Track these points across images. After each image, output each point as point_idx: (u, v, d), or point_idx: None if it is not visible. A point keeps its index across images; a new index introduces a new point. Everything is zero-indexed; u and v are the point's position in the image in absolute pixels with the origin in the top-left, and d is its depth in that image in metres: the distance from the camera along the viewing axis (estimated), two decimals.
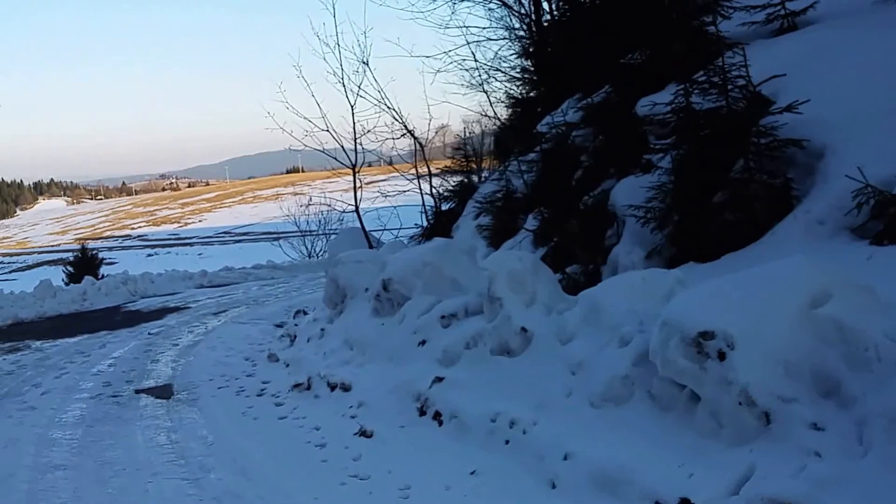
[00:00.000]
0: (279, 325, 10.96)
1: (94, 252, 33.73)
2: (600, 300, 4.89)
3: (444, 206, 10.51)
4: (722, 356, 3.78)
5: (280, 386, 7.16)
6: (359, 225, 11.04)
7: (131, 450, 5.64)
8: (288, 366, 7.87)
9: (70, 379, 8.06)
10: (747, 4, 7.03)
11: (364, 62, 11.21)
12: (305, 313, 10.98)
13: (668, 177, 5.85)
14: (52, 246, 69.96)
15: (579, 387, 4.58)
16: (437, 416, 5.32)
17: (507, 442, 4.69)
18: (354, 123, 10.96)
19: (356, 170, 11.39)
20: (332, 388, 6.59)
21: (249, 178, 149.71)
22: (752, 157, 5.37)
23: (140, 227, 79.94)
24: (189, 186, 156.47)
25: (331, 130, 10.86)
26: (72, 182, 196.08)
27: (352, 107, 11.02)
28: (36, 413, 6.78)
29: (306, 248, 26.13)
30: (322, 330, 8.23)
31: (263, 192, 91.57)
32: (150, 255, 61.54)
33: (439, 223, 9.98)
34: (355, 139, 10.97)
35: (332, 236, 26.10)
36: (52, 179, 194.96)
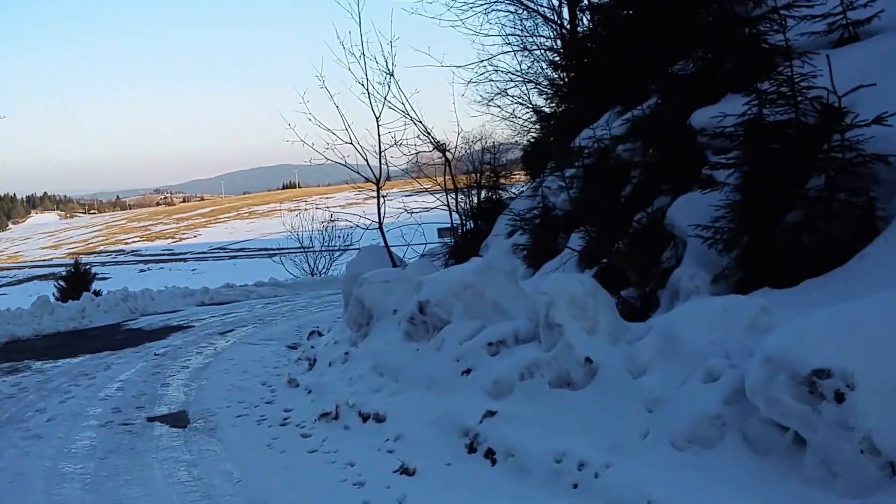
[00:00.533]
0: (292, 347, 10.49)
1: (87, 267, 33.26)
2: (676, 330, 4.44)
3: (468, 223, 10.07)
4: (840, 397, 3.34)
5: (304, 414, 6.67)
6: (376, 243, 10.54)
7: (150, 487, 5.15)
8: (310, 392, 7.39)
9: (76, 404, 7.55)
10: (806, 14, 6.64)
11: (390, 73, 10.78)
12: (320, 334, 10.52)
13: (735, 194, 5.42)
14: (45, 260, 69.14)
15: (658, 426, 4.12)
16: (489, 453, 4.84)
17: (575, 486, 4.22)
18: (380, 136, 10.50)
19: (380, 185, 10.92)
20: (365, 418, 6.11)
21: (245, 193, 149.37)
22: (833, 174, 4.94)
23: (134, 241, 79.22)
24: (184, 201, 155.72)
25: (354, 143, 10.38)
26: (65, 196, 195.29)
27: (377, 119, 10.57)
28: (42, 443, 6.27)
29: (309, 266, 25.47)
30: (346, 354, 7.75)
31: (259, 208, 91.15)
32: (143, 271, 60.80)
33: (466, 241, 9.52)
34: (380, 152, 10.51)
35: (337, 253, 25.70)
36: (45, 193, 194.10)
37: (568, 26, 12.05)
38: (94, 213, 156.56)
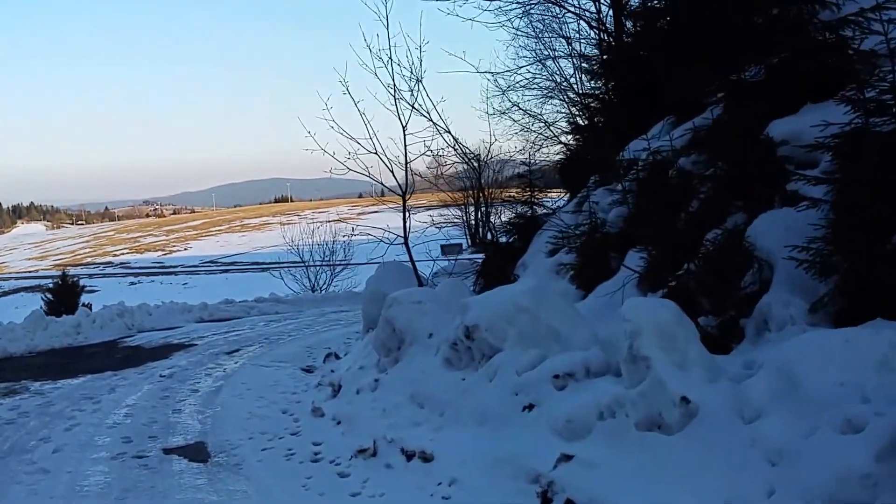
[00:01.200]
0: (307, 370, 9.87)
1: (75, 279, 32.36)
2: (795, 368, 3.87)
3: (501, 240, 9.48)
4: None
5: (337, 449, 6.06)
6: (393, 260, 9.94)
7: None
8: (339, 423, 6.78)
9: (83, 432, 6.91)
10: (888, 17, 6.12)
11: (419, 79, 10.23)
12: (337, 357, 9.91)
13: (829, 211, 4.88)
14: (30, 272, 67.96)
15: (786, 483, 3.54)
16: None
17: None
18: (406, 146, 9.90)
19: (406, 197, 10.31)
20: (409, 456, 5.50)
21: (235, 206, 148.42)
22: None
23: (123, 253, 78.16)
24: (174, 213, 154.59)
25: (380, 153, 9.79)
26: (52, 206, 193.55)
27: (404, 127, 9.99)
28: (50, 479, 5.63)
29: (309, 281, 24.84)
30: (375, 381, 7.14)
31: (252, 221, 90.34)
32: (132, 284, 59.84)
33: (497, 259, 8.93)
34: (406, 163, 9.92)
35: (339, 269, 25.00)
36: (31, 203, 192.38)
37: (611, 30, 11.56)
38: (82, 224, 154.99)
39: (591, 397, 4.66)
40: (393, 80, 10.09)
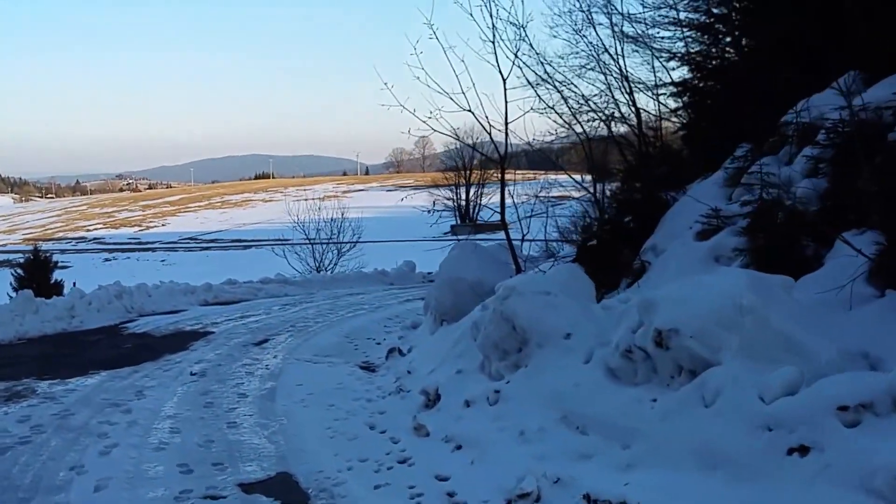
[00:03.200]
0: (367, 368, 8.37)
1: (48, 255, 30.31)
2: None
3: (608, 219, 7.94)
4: None
5: (477, 489, 4.57)
6: (469, 239, 8.42)
7: None
8: (459, 448, 5.30)
9: (124, 457, 5.33)
10: None
11: (522, 26, 8.70)
12: (401, 353, 8.39)
13: None
14: None
15: None
16: None
17: None
18: (507, 103, 8.31)
19: (505, 165, 8.73)
20: None
21: (213, 181, 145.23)
22: None
23: (96, 228, 75.60)
24: (149, 188, 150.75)
25: (474, 111, 8.20)
26: (20, 178, 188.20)
27: (504, 80, 8.39)
28: None
29: (315, 260, 23.14)
30: (496, 392, 5.65)
31: (233, 198, 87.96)
32: (107, 260, 57.65)
33: (608, 242, 7.43)
34: (506, 123, 8.32)
35: (346, 248, 23.36)
36: None
37: None
38: (52, 198, 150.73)
39: None
40: (493, 20, 8.51)
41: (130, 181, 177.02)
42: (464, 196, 60.64)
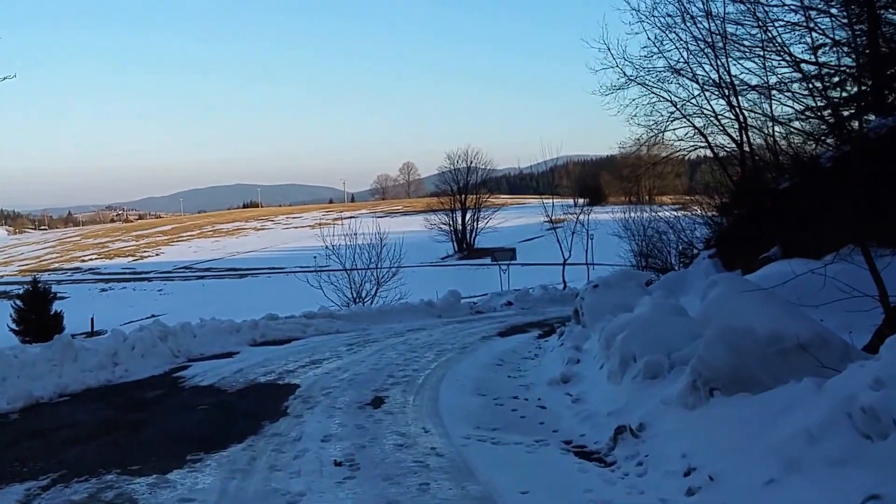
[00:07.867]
0: (583, 454, 6.12)
1: (47, 286, 30.73)
2: None
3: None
4: None
5: None
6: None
7: None
8: None
9: None
10: None
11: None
12: (634, 433, 6.05)
13: None
14: None
15: None
16: None
17: None
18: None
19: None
20: None
21: (200, 211, 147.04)
22: None
23: (91, 259, 76.69)
24: (139, 218, 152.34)
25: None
26: (14, 211, 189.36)
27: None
28: None
29: (352, 292, 21.92)
30: None
31: (224, 226, 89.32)
32: (103, 290, 58.61)
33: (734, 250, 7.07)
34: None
35: (385, 278, 22.41)
36: None
37: None
38: (45, 230, 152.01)
39: None
40: None
41: (120, 212, 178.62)
42: (460, 220, 61.28)
